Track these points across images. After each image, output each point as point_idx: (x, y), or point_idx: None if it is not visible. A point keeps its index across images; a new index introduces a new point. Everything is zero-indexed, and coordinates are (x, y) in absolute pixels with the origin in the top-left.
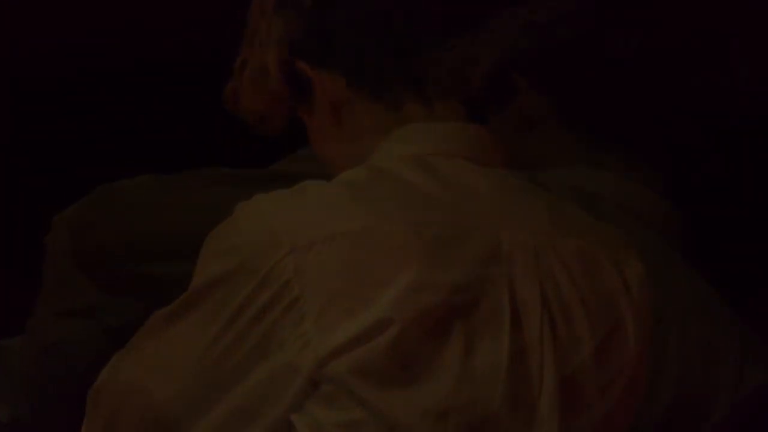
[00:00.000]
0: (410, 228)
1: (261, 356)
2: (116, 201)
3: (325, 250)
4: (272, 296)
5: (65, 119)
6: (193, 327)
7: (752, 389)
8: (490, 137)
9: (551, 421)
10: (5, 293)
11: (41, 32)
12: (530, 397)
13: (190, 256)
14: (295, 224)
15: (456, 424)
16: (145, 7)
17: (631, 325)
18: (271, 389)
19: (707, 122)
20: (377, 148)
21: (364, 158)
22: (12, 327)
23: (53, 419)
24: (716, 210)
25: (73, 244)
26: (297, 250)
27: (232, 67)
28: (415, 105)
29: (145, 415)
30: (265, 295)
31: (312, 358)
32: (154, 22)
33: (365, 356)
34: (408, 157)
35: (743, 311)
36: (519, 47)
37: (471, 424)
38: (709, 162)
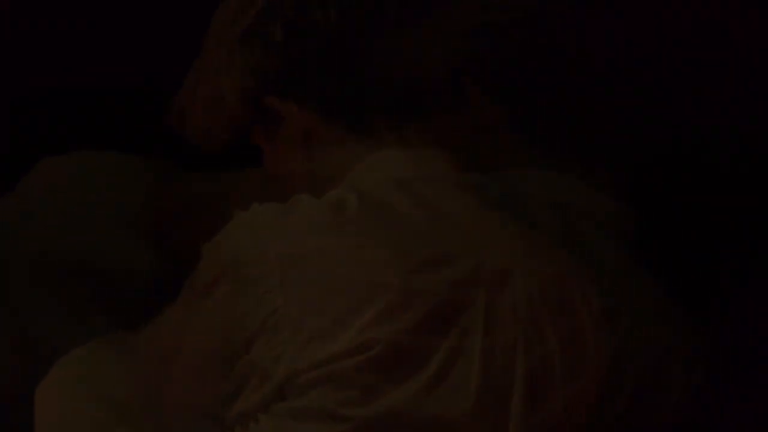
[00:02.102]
0: (393, 251)
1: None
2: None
3: (309, 265)
4: (255, 302)
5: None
6: (185, 320)
7: (699, 382)
8: (456, 163)
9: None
10: None
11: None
12: (500, 402)
13: None
14: (284, 237)
15: (420, 428)
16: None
17: (590, 333)
18: (242, 383)
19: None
20: (355, 173)
21: (331, 182)
22: None
23: None
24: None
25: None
26: (283, 259)
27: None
28: (386, 132)
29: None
30: (249, 301)
31: (284, 368)
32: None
33: (339, 373)
34: (390, 181)
35: (742, 311)
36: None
37: (438, 427)
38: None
